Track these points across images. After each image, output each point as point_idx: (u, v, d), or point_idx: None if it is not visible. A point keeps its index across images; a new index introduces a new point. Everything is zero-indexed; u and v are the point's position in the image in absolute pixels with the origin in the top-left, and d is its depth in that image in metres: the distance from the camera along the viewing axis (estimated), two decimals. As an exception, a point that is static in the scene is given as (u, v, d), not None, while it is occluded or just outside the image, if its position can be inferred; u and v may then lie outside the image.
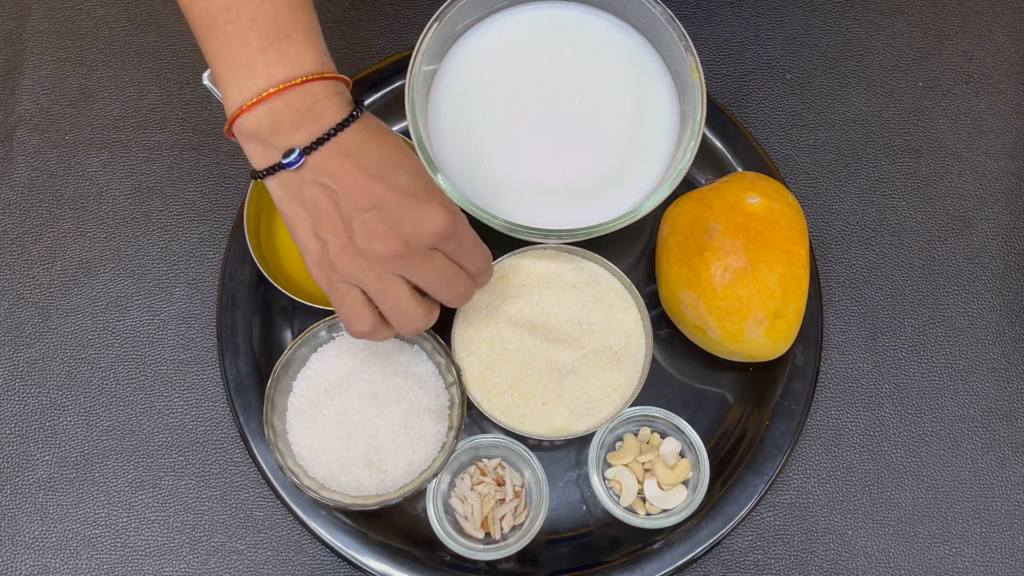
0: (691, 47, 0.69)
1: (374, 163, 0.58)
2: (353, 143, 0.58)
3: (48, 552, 0.73)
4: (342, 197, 0.58)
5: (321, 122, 0.58)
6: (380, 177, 0.58)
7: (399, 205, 0.57)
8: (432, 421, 0.69)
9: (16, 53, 0.82)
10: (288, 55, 0.57)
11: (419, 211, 0.58)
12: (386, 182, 0.58)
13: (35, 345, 0.76)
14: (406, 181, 0.58)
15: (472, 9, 0.71)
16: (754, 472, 0.73)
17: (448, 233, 0.59)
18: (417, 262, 0.59)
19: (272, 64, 0.57)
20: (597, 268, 0.73)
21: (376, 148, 0.59)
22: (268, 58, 0.57)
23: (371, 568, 0.71)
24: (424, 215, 0.58)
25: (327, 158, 0.58)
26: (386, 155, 0.59)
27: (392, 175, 0.58)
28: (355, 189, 0.57)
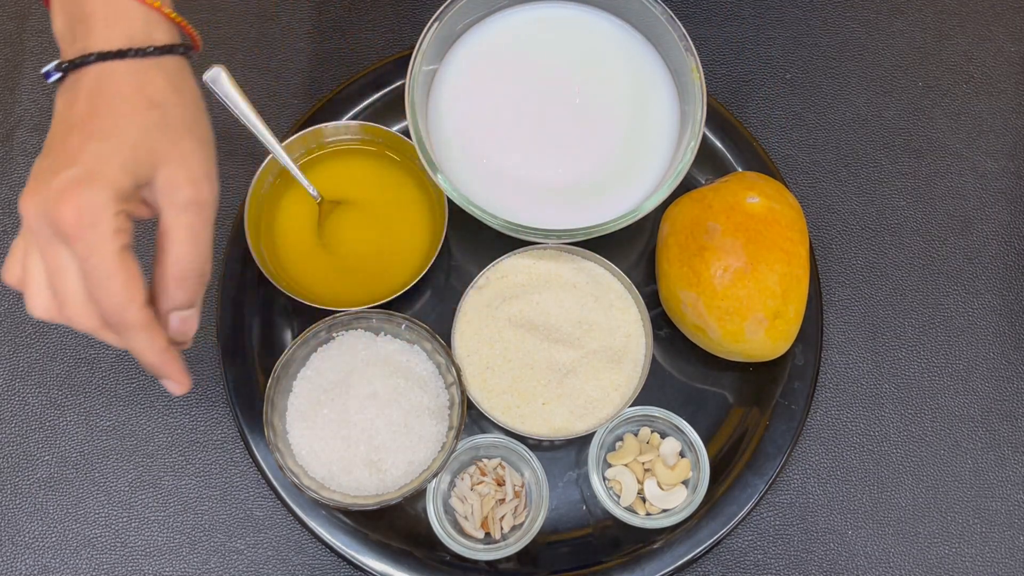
0: (691, 47, 0.69)
1: (84, 116, 0.50)
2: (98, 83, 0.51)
3: (48, 552, 0.73)
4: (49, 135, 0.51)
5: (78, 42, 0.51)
6: (68, 133, 0.50)
7: (54, 174, 0.49)
8: (432, 421, 0.69)
9: (16, 53, 0.82)
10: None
11: (59, 191, 0.48)
12: (69, 143, 0.50)
13: (35, 345, 0.76)
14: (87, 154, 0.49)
15: (472, 9, 0.71)
16: (754, 472, 0.73)
17: (65, 233, 0.48)
18: (39, 243, 0.50)
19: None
20: (597, 268, 0.73)
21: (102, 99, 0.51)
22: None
23: (371, 568, 0.71)
24: (57, 198, 0.48)
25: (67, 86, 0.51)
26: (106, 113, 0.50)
27: (83, 137, 0.50)
28: (52, 135, 0.51)
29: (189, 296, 0.53)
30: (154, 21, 0.52)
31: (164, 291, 0.52)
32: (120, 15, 0.51)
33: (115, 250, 0.49)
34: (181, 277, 0.52)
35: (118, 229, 0.49)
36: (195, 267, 0.52)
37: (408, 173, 0.76)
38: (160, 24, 0.53)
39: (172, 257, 0.51)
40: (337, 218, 0.74)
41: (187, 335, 0.54)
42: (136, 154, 0.50)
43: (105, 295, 0.50)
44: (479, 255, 0.75)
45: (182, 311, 0.53)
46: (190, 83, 0.54)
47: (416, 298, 0.76)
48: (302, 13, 0.84)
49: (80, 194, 0.48)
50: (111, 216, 0.49)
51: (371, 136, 0.75)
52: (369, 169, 0.76)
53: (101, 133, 0.50)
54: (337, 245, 0.74)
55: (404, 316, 0.70)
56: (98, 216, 0.48)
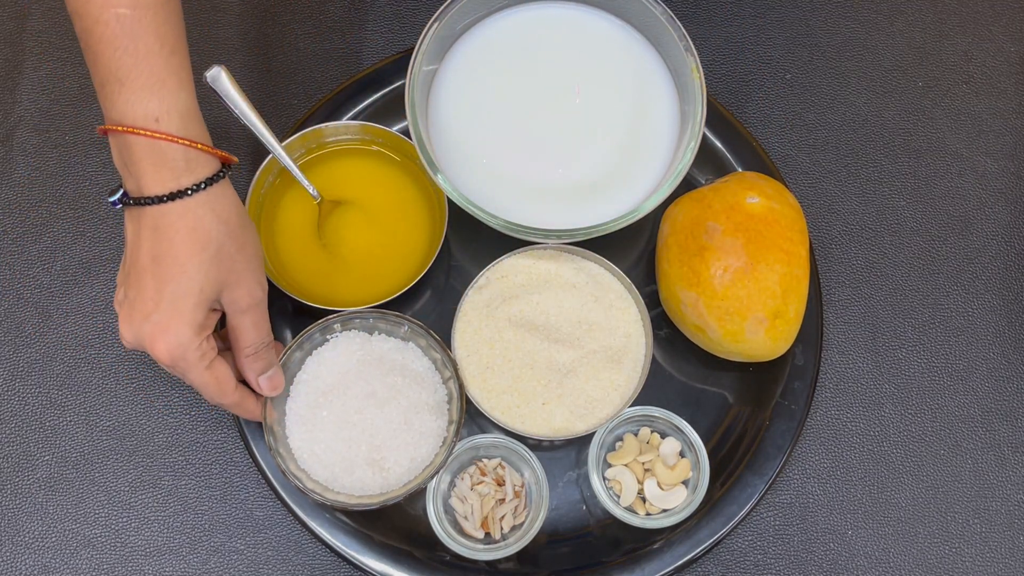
0: (691, 47, 0.69)
1: (153, 258, 0.60)
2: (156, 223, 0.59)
3: (48, 552, 0.73)
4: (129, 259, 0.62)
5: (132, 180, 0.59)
6: (143, 274, 0.60)
7: (143, 316, 0.60)
8: (432, 416, 0.69)
9: (16, 53, 0.82)
10: (119, 100, 0.58)
11: (150, 336, 0.60)
12: (145, 283, 0.60)
13: (35, 345, 0.76)
14: (164, 299, 0.60)
15: (472, 9, 0.71)
16: (754, 472, 0.73)
17: (166, 365, 0.61)
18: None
19: (106, 102, 0.59)
20: (597, 268, 0.73)
21: (164, 243, 0.59)
22: (104, 95, 0.58)
23: (371, 568, 0.71)
24: (151, 342, 0.60)
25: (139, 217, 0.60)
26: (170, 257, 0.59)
27: (163, 282, 0.59)
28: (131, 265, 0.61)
29: (263, 364, 0.66)
30: (193, 158, 0.59)
31: (245, 367, 0.66)
32: (164, 160, 0.58)
33: (203, 369, 0.62)
34: (254, 354, 0.65)
35: (203, 354, 0.61)
36: (260, 343, 0.65)
37: (408, 173, 0.76)
38: (199, 159, 0.59)
39: (242, 343, 0.65)
40: (337, 218, 0.74)
41: (276, 389, 0.67)
42: (202, 291, 0.60)
43: (205, 395, 0.64)
44: (479, 255, 0.75)
45: (265, 374, 0.66)
46: (232, 202, 0.62)
47: (416, 298, 0.76)
48: (302, 13, 0.84)
49: (167, 339, 0.60)
50: (195, 351, 0.61)
51: (371, 136, 0.75)
52: (369, 169, 0.76)
53: (171, 276, 0.59)
54: (337, 245, 0.74)
55: (398, 314, 0.70)
56: (184, 352, 0.61)
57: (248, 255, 0.62)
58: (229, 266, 0.61)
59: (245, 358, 0.65)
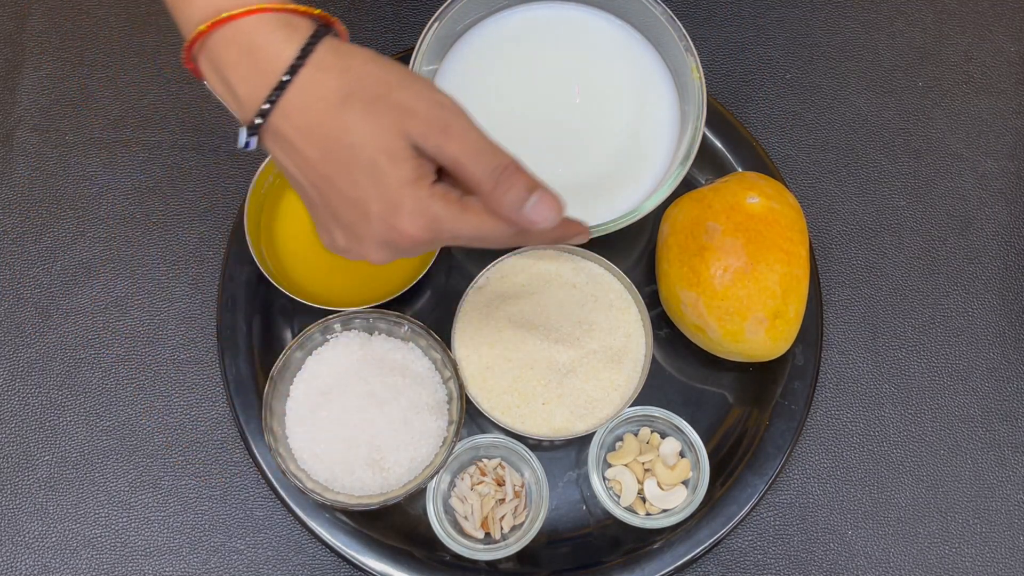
0: (691, 47, 0.69)
1: (320, 158, 0.49)
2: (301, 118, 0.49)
3: (48, 552, 0.73)
4: (308, 189, 0.51)
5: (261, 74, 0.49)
6: (332, 181, 0.50)
7: (360, 225, 0.50)
8: (432, 416, 0.69)
9: (16, 53, 0.82)
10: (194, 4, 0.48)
11: (385, 233, 0.50)
12: (340, 190, 0.50)
13: (35, 345, 0.76)
14: (363, 187, 0.49)
15: (472, 9, 0.71)
16: (754, 472, 0.73)
17: (426, 243, 0.51)
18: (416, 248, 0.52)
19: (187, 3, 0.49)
20: (597, 268, 0.73)
21: (314, 133, 0.49)
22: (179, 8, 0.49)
23: (371, 568, 0.71)
24: (392, 236, 0.50)
25: (273, 136, 0.50)
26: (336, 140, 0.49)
27: (347, 177, 0.49)
28: (315, 189, 0.50)
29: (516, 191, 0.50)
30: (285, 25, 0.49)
31: (495, 205, 0.50)
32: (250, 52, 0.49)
33: (457, 215, 0.50)
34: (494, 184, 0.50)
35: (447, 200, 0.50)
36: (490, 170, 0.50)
37: (408, 173, 0.76)
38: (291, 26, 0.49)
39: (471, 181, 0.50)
40: (337, 218, 0.74)
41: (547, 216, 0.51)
42: (383, 151, 0.49)
43: (492, 242, 0.52)
44: (479, 255, 0.75)
45: (526, 203, 0.50)
46: (340, 50, 0.49)
47: (416, 298, 0.76)
48: (302, 13, 0.83)
49: (401, 222, 0.49)
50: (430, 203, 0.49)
51: (371, 136, 0.75)
52: (369, 169, 0.76)
53: (347, 162, 0.49)
54: (337, 245, 0.74)
55: (398, 314, 0.70)
56: (426, 217, 0.49)
57: (400, 84, 0.49)
58: (385, 108, 0.49)
59: (489, 194, 0.50)
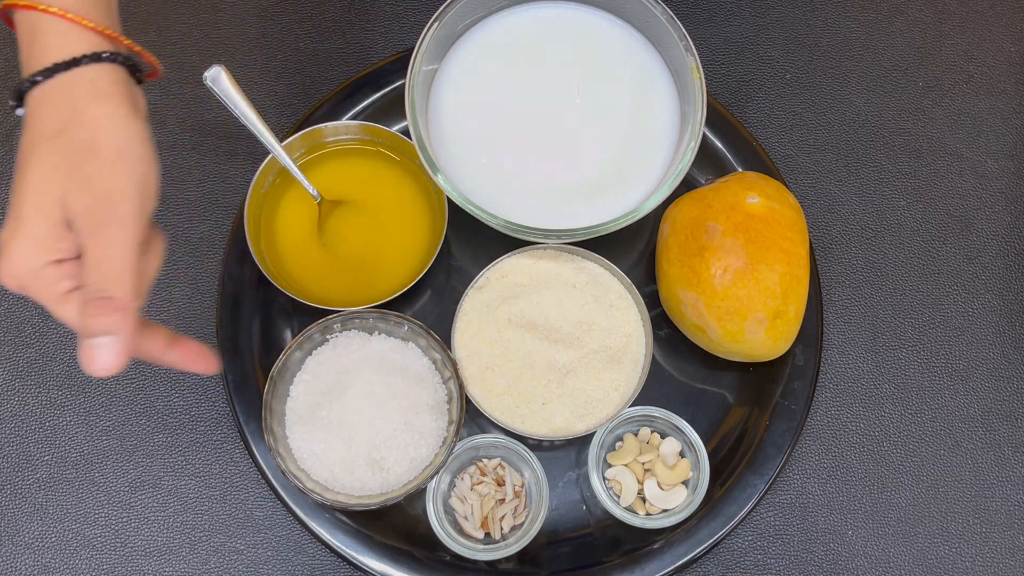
0: (691, 47, 0.69)
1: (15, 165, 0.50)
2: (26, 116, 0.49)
3: (48, 552, 0.73)
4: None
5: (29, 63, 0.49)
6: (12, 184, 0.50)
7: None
8: (432, 416, 0.69)
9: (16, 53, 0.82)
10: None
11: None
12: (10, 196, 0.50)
13: (35, 345, 0.76)
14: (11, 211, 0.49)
15: (472, 9, 0.71)
16: (754, 472, 0.73)
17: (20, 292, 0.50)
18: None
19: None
20: (597, 268, 0.73)
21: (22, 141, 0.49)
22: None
23: (371, 568, 0.71)
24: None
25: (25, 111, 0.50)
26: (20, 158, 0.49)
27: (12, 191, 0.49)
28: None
29: (98, 322, 0.48)
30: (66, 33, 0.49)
31: (79, 312, 0.49)
32: (36, 34, 0.49)
33: (56, 301, 0.49)
34: (93, 298, 0.49)
35: (54, 280, 0.49)
36: (96, 289, 0.48)
37: (408, 173, 0.76)
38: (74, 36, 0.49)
39: (85, 275, 0.49)
40: (337, 218, 0.74)
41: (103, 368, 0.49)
42: (39, 195, 0.48)
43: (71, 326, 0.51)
44: (479, 255, 0.75)
45: (95, 339, 0.49)
46: (105, 95, 0.49)
47: (416, 298, 0.76)
48: (302, 13, 0.84)
49: (9, 264, 0.48)
50: (37, 273, 0.48)
51: (371, 136, 0.75)
52: (369, 169, 0.76)
53: (15, 181, 0.49)
54: (337, 245, 0.74)
55: (398, 314, 0.70)
56: (25, 279, 0.49)
57: (107, 161, 0.48)
58: (73, 167, 0.47)
59: (84, 298, 0.48)
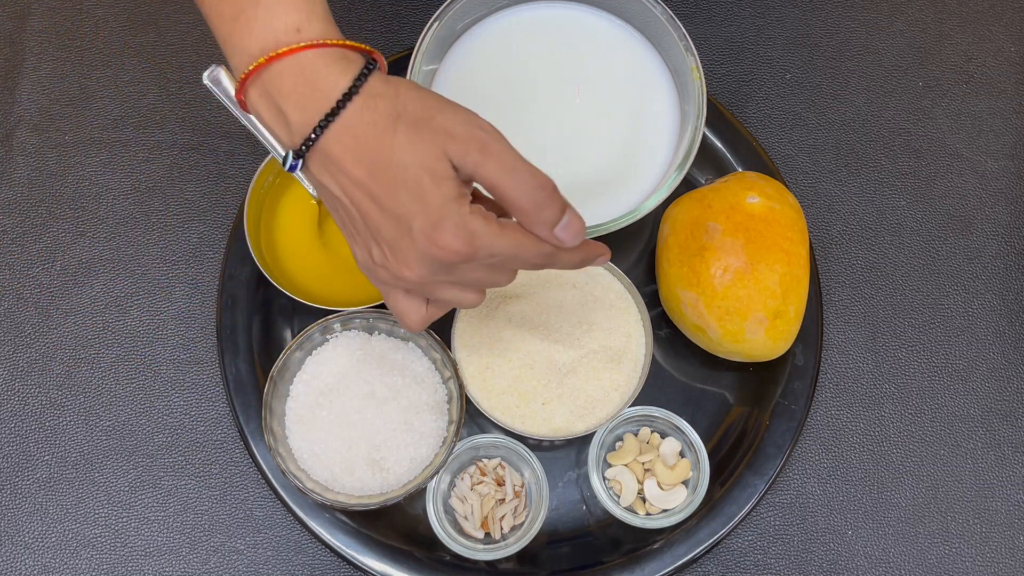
0: (691, 47, 0.69)
1: (367, 179, 0.52)
2: (351, 139, 0.52)
3: (48, 552, 0.73)
4: (349, 208, 0.54)
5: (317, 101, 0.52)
6: (377, 199, 0.52)
7: (402, 240, 0.52)
8: (432, 416, 0.69)
9: (16, 53, 0.82)
10: (257, 22, 0.51)
11: (427, 248, 0.52)
12: (384, 207, 0.52)
13: (35, 345, 0.76)
14: (407, 204, 0.52)
15: (472, 9, 0.71)
16: (754, 472, 0.73)
17: (466, 257, 0.53)
18: (443, 280, 0.55)
19: (244, 35, 0.52)
20: (597, 268, 0.73)
21: (362, 153, 0.52)
22: (240, 28, 0.52)
23: (371, 568, 0.71)
24: (435, 249, 0.52)
25: (322, 158, 0.53)
26: (378, 163, 0.52)
27: (392, 195, 0.52)
28: (356, 208, 0.53)
29: (549, 211, 0.53)
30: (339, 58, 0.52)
31: (531, 224, 0.53)
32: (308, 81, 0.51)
33: (497, 232, 0.53)
34: (529, 204, 0.53)
35: (485, 218, 0.52)
36: (527, 190, 0.52)
37: (408, 173, 0.76)
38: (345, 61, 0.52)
39: (508, 201, 0.53)
40: (337, 218, 0.74)
41: (577, 235, 0.55)
42: (427, 170, 0.51)
43: (524, 261, 0.55)
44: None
45: (559, 223, 0.54)
46: (386, 82, 0.53)
47: (416, 298, 0.76)
48: (302, 13, 0.83)
49: (443, 231, 0.51)
50: (470, 219, 0.52)
51: (371, 136, 0.75)
52: (369, 169, 0.76)
53: (394, 180, 0.51)
54: (337, 245, 0.74)
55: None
56: (467, 230, 0.52)
57: (443, 109, 0.52)
58: (429, 130, 0.52)
59: (523, 213, 0.53)
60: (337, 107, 0.51)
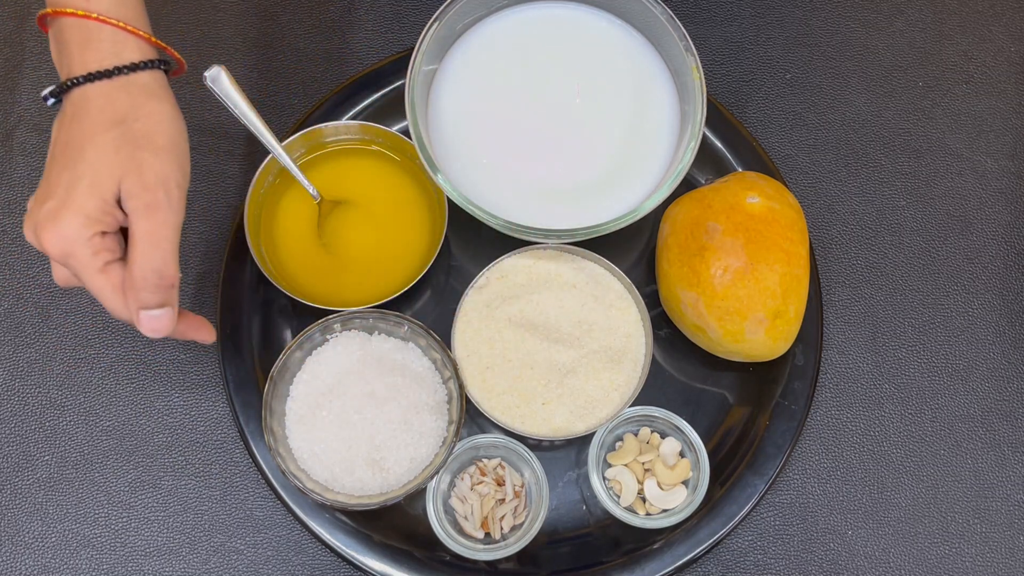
0: (691, 47, 0.69)
1: (63, 144, 0.56)
2: (76, 108, 0.56)
3: (48, 552, 0.73)
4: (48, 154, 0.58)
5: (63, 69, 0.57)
6: (54, 162, 0.56)
7: (40, 205, 0.56)
8: (432, 417, 0.69)
9: (16, 53, 0.82)
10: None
11: (41, 226, 0.55)
12: (51, 173, 0.56)
13: (35, 345, 0.76)
14: (59, 185, 0.55)
15: (472, 9, 0.71)
16: (754, 472, 0.73)
17: (54, 258, 0.56)
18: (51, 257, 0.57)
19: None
20: (597, 268, 0.73)
21: (76, 126, 0.56)
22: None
23: (371, 568, 0.71)
24: (41, 233, 0.55)
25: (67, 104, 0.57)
26: (75, 140, 0.56)
27: (59, 170, 0.56)
28: (48, 158, 0.57)
29: (152, 297, 0.56)
30: (122, 41, 0.57)
31: (130, 292, 0.56)
32: (91, 39, 0.56)
33: (96, 269, 0.56)
34: (141, 278, 0.56)
35: (96, 251, 0.55)
36: (152, 269, 0.56)
37: (408, 173, 0.76)
38: (128, 43, 0.57)
39: (132, 260, 0.56)
40: (337, 218, 0.74)
41: (157, 332, 0.58)
42: (98, 175, 0.55)
43: (105, 305, 0.57)
44: (479, 255, 0.75)
45: (151, 311, 0.57)
46: (158, 96, 0.58)
47: (416, 298, 0.76)
48: (302, 13, 0.84)
49: (55, 228, 0.55)
50: (85, 242, 0.55)
51: (371, 136, 0.75)
52: (369, 169, 0.76)
53: (71, 160, 0.55)
54: (337, 245, 0.74)
55: (398, 314, 0.70)
56: (73, 246, 0.55)
57: (156, 147, 0.56)
58: (131, 152, 0.56)
59: (132, 280, 0.56)
60: (91, 76, 0.56)
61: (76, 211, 0.55)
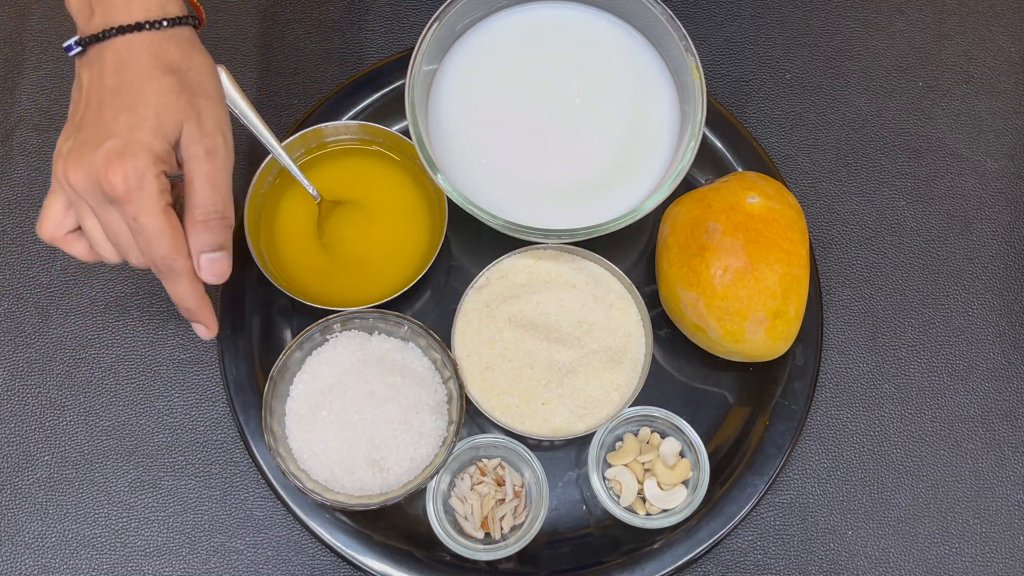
0: (691, 47, 0.69)
1: (112, 89, 0.57)
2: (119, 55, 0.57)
3: (48, 552, 0.73)
4: (81, 102, 0.58)
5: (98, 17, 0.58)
6: (103, 107, 0.57)
7: (89, 146, 0.56)
8: (432, 417, 0.69)
9: (16, 53, 0.82)
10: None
11: (105, 162, 0.55)
12: (102, 118, 0.57)
13: (35, 345, 0.76)
14: (118, 126, 0.56)
15: (472, 9, 0.71)
16: (754, 472, 0.73)
17: (119, 198, 0.56)
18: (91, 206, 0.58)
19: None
20: (597, 268, 0.73)
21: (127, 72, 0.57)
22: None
23: (371, 568, 0.71)
24: (105, 168, 0.55)
25: (99, 53, 0.58)
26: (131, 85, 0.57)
27: (115, 112, 0.56)
28: (86, 103, 0.58)
29: (214, 238, 0.59)
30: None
31: (192, 234, 0.58)
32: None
33: (161, 208, 0.56)
34: (204, 219, 0.58)
35: (161, 189, 0.56)
36: (215, 209, 0.58)
37: (408, 173, 0.76)
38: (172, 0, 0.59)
39: (193, 202, 0.58)
40: (337, 218, 0.74)
41: (220, 276, 0.60)
42: (161, 119, 0.56)
43: (156, 248, 0.57)
44: (479, 255, 0.75)
45: (211, 253, 0.59)
46: (200, 49, 0.60)
47: (416, 298, 0.76)
48: (302, 12, 0.84)
49: (125, 163, 0.55)
50: (153, 179, 0.56)
51: (371, 136, 0.75)
52: (369, 169, 0.76)
53: (130, 105, 0.56)
54: (337, 245, 0.74)
55: (398, 314, 0.70)
56: (143, 180, 0.56)
57: (210, 96, 0.59)
58: (189, 99, 0.58)
59: (194, 222, 0.58)
60: (140, 26, 0.57)
61: (145, 149, 0.56)
